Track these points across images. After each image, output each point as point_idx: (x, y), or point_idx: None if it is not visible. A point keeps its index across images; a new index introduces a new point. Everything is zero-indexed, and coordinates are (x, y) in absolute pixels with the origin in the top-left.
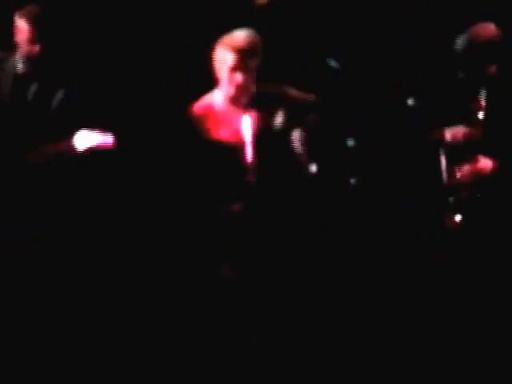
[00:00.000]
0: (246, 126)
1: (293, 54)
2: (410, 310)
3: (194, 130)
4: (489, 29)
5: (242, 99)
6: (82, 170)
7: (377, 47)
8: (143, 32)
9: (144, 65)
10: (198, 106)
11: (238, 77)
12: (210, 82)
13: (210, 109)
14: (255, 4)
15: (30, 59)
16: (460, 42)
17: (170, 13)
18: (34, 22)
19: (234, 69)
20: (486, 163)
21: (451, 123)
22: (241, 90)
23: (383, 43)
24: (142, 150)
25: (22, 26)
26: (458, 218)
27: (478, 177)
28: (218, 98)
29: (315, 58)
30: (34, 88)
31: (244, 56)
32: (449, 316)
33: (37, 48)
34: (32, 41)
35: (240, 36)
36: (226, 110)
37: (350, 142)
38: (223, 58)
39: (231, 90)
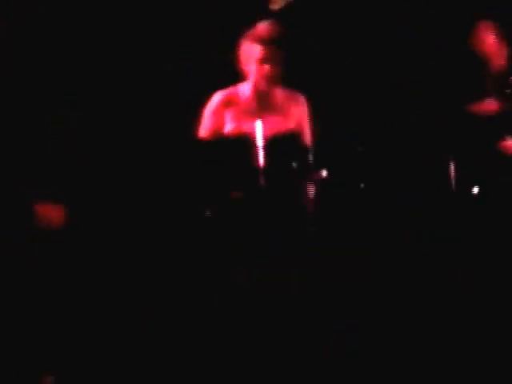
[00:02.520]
0: (258, 130)
1: (305, 59)
2: (411, 311)
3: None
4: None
5: (269, 92)
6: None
7: (384, 49)
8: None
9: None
10: (223, 93)
11: (267, 68)
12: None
13: (234, 99)
14: (269, 10)
15: None
16: None
17: (185, 17)
18: None
19: (262, 60)
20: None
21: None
22: (269, 81)
23: (389, 44)
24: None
25: None
26: (475, 189)
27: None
28: (244, 90)
29: (322, 64)
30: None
31: (270, 46)
32: (449, 317)
33: None
34: None
35: (265, 27)
36: (251, 103)
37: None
38: (250, 50)
39: (260, 82)
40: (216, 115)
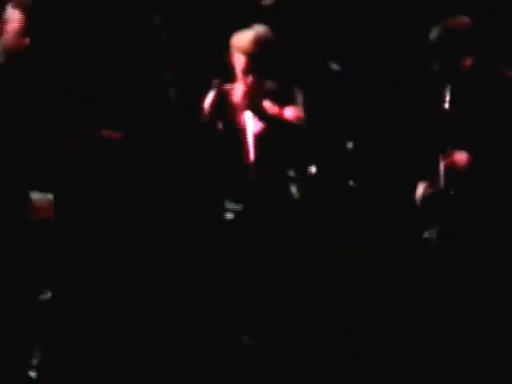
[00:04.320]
0: (249, 123)
1: (295, 55)
2: (410, 311)
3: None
4: (463, 20)
5: (255, 97)
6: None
7: (377, 49)
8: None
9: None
10: (216, 92)
11: (250, 79)
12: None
13: (226, 96)
14: (260, 4)
15: (15, 51)
16: (434, 32)
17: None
18: (27, 14)
19: (245, 71)
20: (460, 157)
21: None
22: (253, 89)
23: (383, 45)
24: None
25: (14, 16)
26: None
27: (454, 170)
28: (235, 88)
29: (317, 60)
30: (16, 80)
31: (254, 59)
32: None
33: (26, 40)
34: (22, 33)
35: (249, 38)
36: (240, 102)
37: (349, 144)
38: (236, 59)
39: (244, 89)
40: (211, 111)
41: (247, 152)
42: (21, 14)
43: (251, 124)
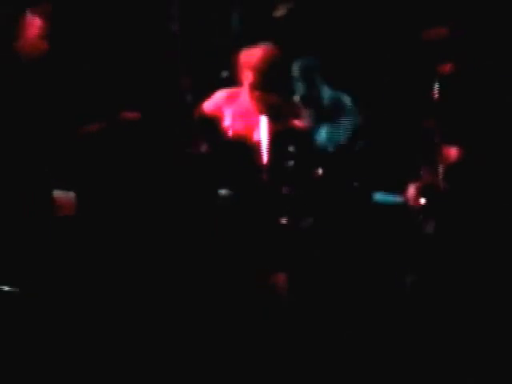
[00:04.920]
0: (263, 127)
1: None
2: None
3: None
4: (438, 31)
5: (261, 107)
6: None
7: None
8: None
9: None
10: (226, 91)
11: (258, 94)
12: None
13: (233, 98)
14: (274, 16)
15: (34, 55)
16: (415, 42)
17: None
18: (47, 20)
19: (253, 86)
20: (450, 151)
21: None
22: (260, 103)
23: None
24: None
25: (34, 22)
26: (422, 200)
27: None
28: (242, 94)
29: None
30: (38, 82)
31: (263, 75)
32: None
33: (44, 45)
34: (41, 38)
35: (259, 55)
36: (247, 106)
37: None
38: (244, 75)
39: (251, 102)
40: (215, 110)
41: (261, 155)
42: (40, 20)
43: (266, 127)
